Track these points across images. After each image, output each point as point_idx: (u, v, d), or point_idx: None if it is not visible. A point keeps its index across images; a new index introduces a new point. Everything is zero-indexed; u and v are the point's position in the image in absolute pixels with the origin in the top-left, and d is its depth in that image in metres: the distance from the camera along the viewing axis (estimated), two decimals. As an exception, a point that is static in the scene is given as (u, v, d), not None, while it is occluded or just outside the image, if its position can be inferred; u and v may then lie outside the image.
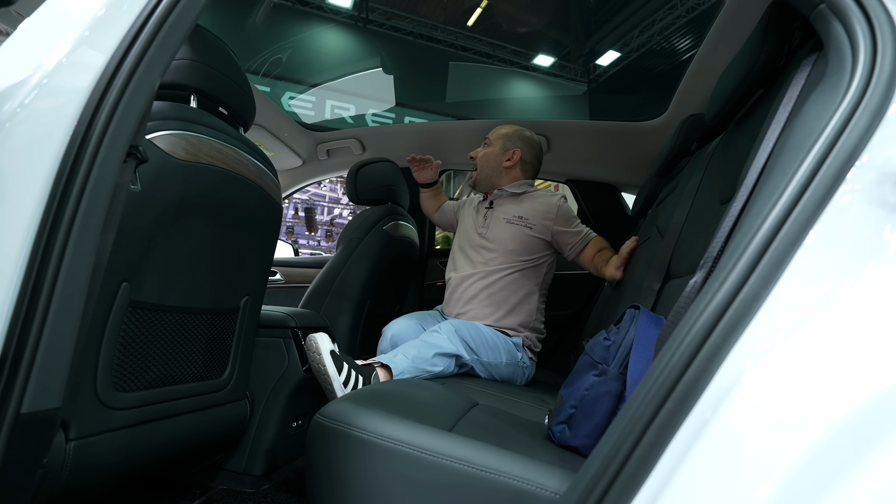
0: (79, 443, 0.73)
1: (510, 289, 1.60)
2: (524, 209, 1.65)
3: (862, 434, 0.37)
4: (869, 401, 0.37)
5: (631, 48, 9.31)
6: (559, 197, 1.69)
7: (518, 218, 1.64)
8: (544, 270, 1.67)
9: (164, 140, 0.80)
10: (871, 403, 0.37)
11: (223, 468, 1.22)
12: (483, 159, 1.72)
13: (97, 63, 0.57)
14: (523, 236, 1.62)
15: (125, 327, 0.81)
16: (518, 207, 1.66)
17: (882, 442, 0.36)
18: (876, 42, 0.49)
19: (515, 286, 1.61)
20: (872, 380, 0.38)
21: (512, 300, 1.60)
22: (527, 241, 1.62)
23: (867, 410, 0.37)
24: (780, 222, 0.44)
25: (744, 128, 0.91)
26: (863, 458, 0.36)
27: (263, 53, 7.85)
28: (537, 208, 1.65)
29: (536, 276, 1.65)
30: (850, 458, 0.36)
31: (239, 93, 1.04)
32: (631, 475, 0.41)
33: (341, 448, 0.64)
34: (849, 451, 0.36)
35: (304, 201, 11.19)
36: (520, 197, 1.69)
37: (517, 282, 1.61)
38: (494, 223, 1.67)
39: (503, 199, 1.71)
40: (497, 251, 1.63)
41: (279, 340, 1.29)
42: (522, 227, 1.62)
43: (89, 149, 0.54)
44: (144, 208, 0.78)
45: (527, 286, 1.63)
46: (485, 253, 1.65)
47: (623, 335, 0.79)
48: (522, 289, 1.62)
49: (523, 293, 1.62)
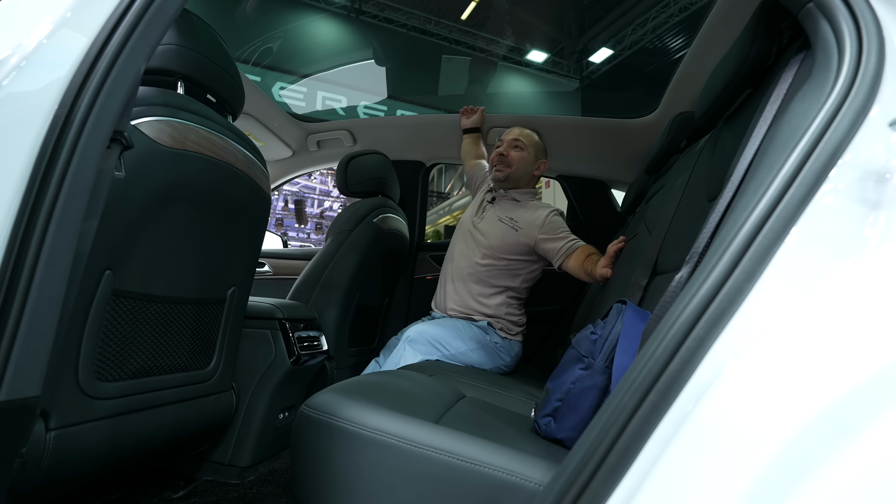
0: (59, 432, 0.72)
1: (484, 283, 1.71)
2: (518, 214, 1.74)
3: (839, 425, 0.37)
4: (846, 392, 0.38)
5: (624, 46, 9.34)
6: (554, 210, 1.76)
7: (509, 219, 1.73)
8: (521, 278, 1.74)
9: (150, 126, 0.79)
10: (849, 395, 0.38)
11: (208, 459, 1.21)
12: (521, 162, 1.79)
13: (79, 45, 0.55)
14: (508, 235, 1.70)
15: (108, 316, 0.80)
16: (514, 211, 1.75)
17: (860, 431, 0.37)
18: (862, 42, 0.49)
19: (490, 281, 1.71)
20: (850, 372, 0.39)
21: (485, 291, 1.70)
22: (510, 241, 1.69)
23: (845, 402, 0.38)
24: (764, 218, 0.45)
25: (732, 126, 0.92)
26: (840, 449, 0.37)
27: (254, 42, 7.74)
28: (530, 215, 1.72)
29: (512, 279, 1.73)
30: (826, 449, 0.37)
31: (227, 80, 1.03)
32: (613, 465, 0.41)
33: (327, 439, 0.64)
34: (827, 442, 0.37)
35: (294, 193, 11.10)
36: (520, 203, 1.78)
37: (493, 278, 1.71)
38: (488, 218, 1.77)
39: (505, 200, 1.81)
40: (482, 245, 1.72)
41: (266, 332, 1.28)
42: (510, 227, 1.71)
43: (71, 133, 0.53)
44: (129, 195, 0.77)
45: (498, 286, 1.71)
46: (471, 242, 1.76)
47: (609, 329, 0.79)
48: (495, 286, 1.71)
49: (494, 291, 1.71)
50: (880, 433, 0.36)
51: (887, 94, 0.47)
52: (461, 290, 1.72)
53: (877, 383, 0.38)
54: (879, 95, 0.47)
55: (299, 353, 1.30)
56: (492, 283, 1.70)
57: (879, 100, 0.47)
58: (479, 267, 1.70)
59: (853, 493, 0.35)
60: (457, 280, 1.74)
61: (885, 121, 0.46)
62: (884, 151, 0.45)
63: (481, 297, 1.70)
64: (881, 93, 0.47)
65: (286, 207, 10.67)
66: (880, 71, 0.48)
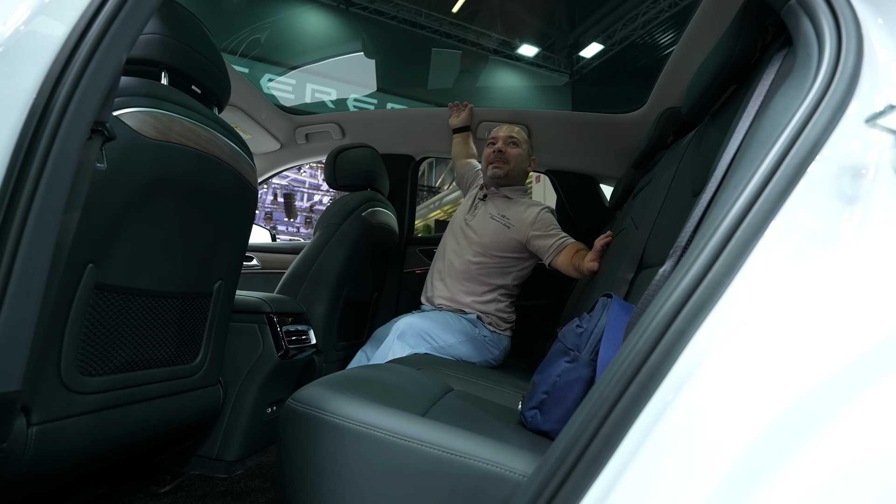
0: (41, 427, 0.72)
1: (476, 281, 1.71)
2: (510, 211, 1.74)
3: (815, 413, 0.38)
4: (821, 381, 0.39)
5: (614, 41, 9.37)
6: (545, 208, 1.76)
7: (501, 216, 1.73)
8: (512, 276, 1.75)
9: (133, 117, 0.78)
10: (824, 384, 0.39)
11: (195, 454, 1.21)
12: (518, 158, 1.80)
13: (58, 34, 0.54)
14: (500, 233, 1.70)
15: (91, 310, 0.79)
16: (506, 209, 1.76)
17: (835, 418, 0.38)
18: (841, 39, 0.50)
19: (481, 279, 1.71)
20: (824, 362, 0.40)
21: (477, 289, 1.70)
22: (502, 238, 1.69)
23: (819, 390, 0.39)
24: (744, 213, 0.46)
25: (717, 122, 0.93)
26: (816, 436, 0.38)
27: (241, 32, 7.62)
28: (521, 212, 1.73)
29: (503, 277, 1.73)
30: (802, 435, 0.38)
31: (213, 71, 1.01)
32: (595, 455, 0.42)
33: (313, 433, 0.64)
34: (803, 429, 0.38)
35: (283, 187, 10.99)
36: (512, 201, 1.79)
37: (484, 276, 1.71)
38: (480, 215, 1.78)
39: (497, 198, 1.81)
40: (474, 242, 1.72)
41: (254, 326, 1.27)
42: (502, 225, 1.71)
43: (50, 123, 0.52)
44: (112, 188, 0.76)
45: (490, 284, 1.72)
46: (463, 241, 1.75)
47: (595, 323, 0.80)
48: (486, 284, 1.71)
49: (486, 289, 1.71)
50: (855, 419, 0.37)
51: (864, 90, 0.48)
52: (452, 287, 1.72)
53: (851, 372, 0.39)
54: (857, 92, 0.48)
55: (287, 348, 1.30)
56: (483, 281, 1.71)
57: (857, 96, 0.48)
58: (471, 265, 1.70)
59: (829, 479, 0.36)
60: (447, 277, 1.74)
61: (862, 117, 0.47)
62: (860, 147, 0.46)
63: (472, 295, 1.70)
64: (859, 89, 0.48)
65: (275, 201, 10.57)
66: (858, 68, 0.49)
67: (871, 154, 0.46)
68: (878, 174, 0.45)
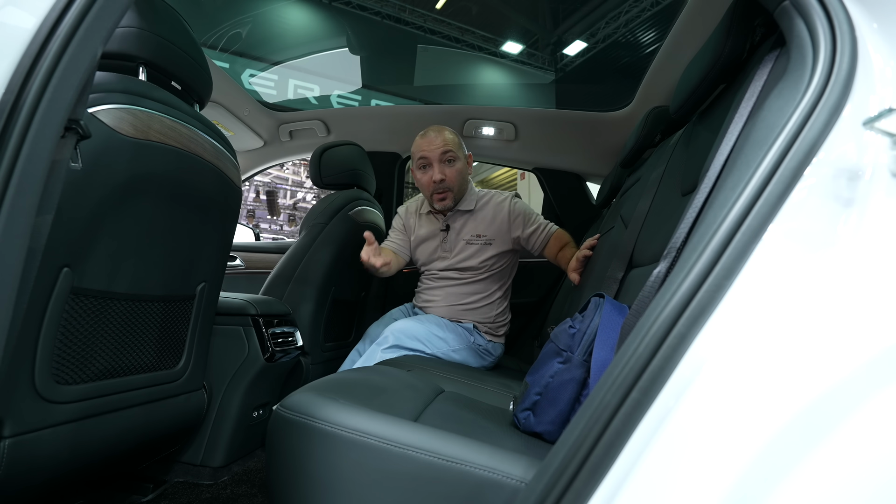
0: (15, 440, 0.68)
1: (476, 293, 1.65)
2: (480, 225, 1.63)
3: (823, 418, 0.38)
4: (829, 387, 0.39)
5: (597, 39, 9.43)
6: (510, 197, 1.68)
7: (477, 237, 1.63)
8: (508, 273, 1.73)
9: (109, 114, 0.74)
10: (831, 389, 0.39)
11: (179, 460, 1.18)
12: (459, 177, 1.60)
13: (28, 26, 0.51)
14: (485, 254, 1.63)
15: (67, 316, 0.75)
16: (475, 224, 1.64)
17: (844, 422, 0.38)
18: (836, 41, 0.50)
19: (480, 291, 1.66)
20: (827, 368, 0.40)
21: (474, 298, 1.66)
22: (489, 255, 1.64)
23: (827, 396, 0.39)
24: (743, 215, 0.45)
25: (706, 121, 0.93)
26: (825, 441, 0.37)
27: (222, 26, 7.46)
28: (492, 219, 1.63)
29: (502, 278, 1.70)
30: (812, 442, 0.38)
31: (193, 66, 0.98)
32: (597, 463, 0.41)
33: (303, 441, 0.62)
34: (812, 435, 0.38)
35: (265, 184, 10.82)
36: (473, 212, 1.66)
37: (482, 287, 1.66)
38: (455, 246, 1.65)
39: (458, 219, 1.66)
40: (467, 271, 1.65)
41: (239, 328, 1.24)
42: (482, 245, 1.63)
43: (20, 121, 0.49)
44: (87, 188, 0.72)
45: (490, 288, 1.68)
46: (453, 273, 1.67)
47: (588, 323, 0.80)
48: (485, 291, 1.67)
49: (484, 295, 1.67)
50: (864, 422, 0.37)
51: (859, 93, 0.48)
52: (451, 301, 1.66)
53: (858, 375, 0.39)
54: (852, 95, 0.48)
55: (273, 350, 1.27)
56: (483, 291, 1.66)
57: (852, 99, 0.48)
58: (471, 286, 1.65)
59: (840, 484, 0.36)
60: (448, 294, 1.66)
61: (858, 120, 0.47)
62: (856, 150, 0.46)
63: (469, 305, 1.65)
64: (854, 92, 0.48)
65: (258, 199, 10.41)
66: (853, 70, 0.49)
67: (866, 156, 0.46)
68: (875, 177, 0.45)
